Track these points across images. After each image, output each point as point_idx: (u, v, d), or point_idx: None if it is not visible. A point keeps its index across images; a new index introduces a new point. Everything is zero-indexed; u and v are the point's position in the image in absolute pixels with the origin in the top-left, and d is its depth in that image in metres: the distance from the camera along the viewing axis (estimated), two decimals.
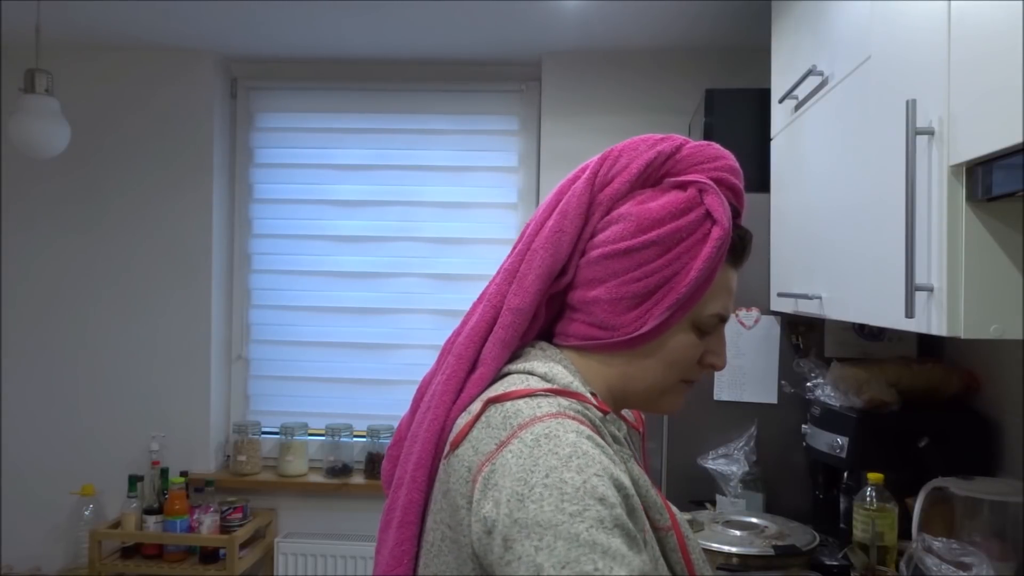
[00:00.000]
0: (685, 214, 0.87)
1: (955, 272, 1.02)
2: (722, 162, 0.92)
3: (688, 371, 0.93)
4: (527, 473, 0.74)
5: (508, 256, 0.94)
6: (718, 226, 0.87)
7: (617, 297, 0.87)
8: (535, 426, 0.78)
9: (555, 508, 0.71)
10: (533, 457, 0.75)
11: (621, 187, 0.90)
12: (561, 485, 0.73)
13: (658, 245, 0.87)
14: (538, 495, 0.72)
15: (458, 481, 0.79)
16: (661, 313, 0.87)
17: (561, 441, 0.76)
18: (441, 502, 0.82)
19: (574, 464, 0.74)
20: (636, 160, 0.90)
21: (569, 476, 0.73)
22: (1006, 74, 0.89)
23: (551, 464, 0.74)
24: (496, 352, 0.88)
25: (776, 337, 2.10)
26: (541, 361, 0.88)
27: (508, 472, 0.75)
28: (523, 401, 0.81)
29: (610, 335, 0.89)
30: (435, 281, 3.11)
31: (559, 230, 0.90)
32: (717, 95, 2.30)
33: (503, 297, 0.90)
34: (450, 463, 0.81)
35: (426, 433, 0.87)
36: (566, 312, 0.93)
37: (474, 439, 0.80)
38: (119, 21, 2.75)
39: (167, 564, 2.79)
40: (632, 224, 0.87)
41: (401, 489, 0.88)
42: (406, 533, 0.86)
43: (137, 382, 3.04)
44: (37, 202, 3.06)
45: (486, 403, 0.83)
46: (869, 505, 1.65)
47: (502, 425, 0.79)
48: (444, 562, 0.80)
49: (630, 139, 0.93)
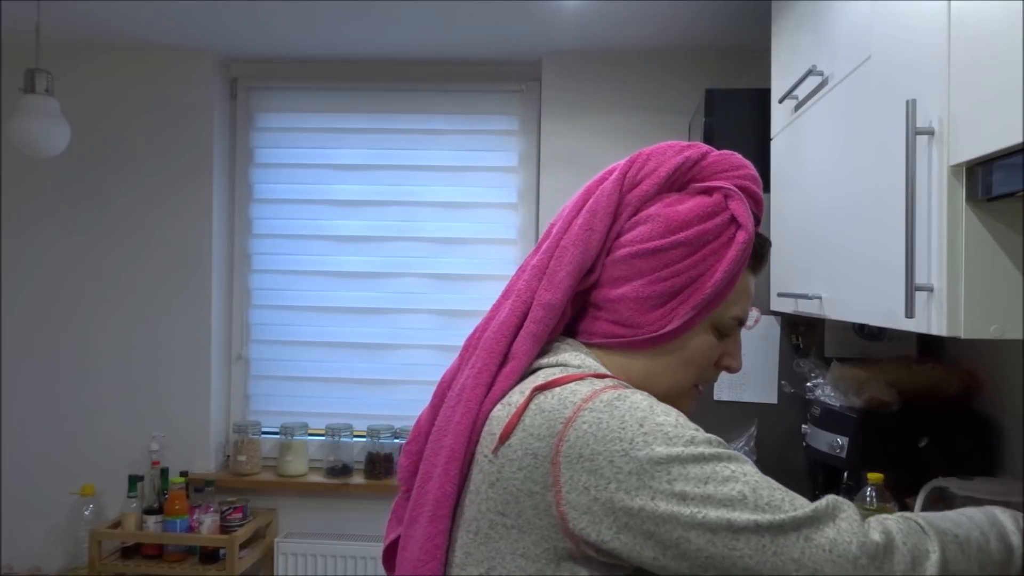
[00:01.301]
0: (712, 218, 0.90)
1: (955, 272, 1.02)
2: (745, 171, 0.96)
3: (705, 373, 0.96)
4: (619, 431, 0.78)
5: (534, 253, 0.96)
6: (743, 230, 0.90)
7: (643, 296, 0.90)
8: (601, 396, 0.81)
9: (666, 445, 0.77)
10: (616, 417, 0.79)
11: (649, 189, 0.92)
12: (660, 427, 0.78)
13: (685, 246, 0.89)
14: (642, 442, 0.77)
15: (519, 469, 0.80)
16: (685, 313, 0.90)
17: (635, 399, 0.81)
18: (487, 492, 0.83)
19: (659, 409, 0.80)
20: (665, 164, 0.93)
21: (661, 419, 0.79)
22: (1006, 74, 0.89)
23: (639, 416, 0.79)
24: (527, 346, 0.90)
25: (776, 337, 2.10)
26: (572, 355, 0.90)
27: (595, 439, 0.78)
28: (575, 383, 0.84)
29: (634, 333, 0.91)
30: (435, 281, 3.11)
31: (588, 228, 0.91)
32: (717, 95, 2.30)
33: (533, 293, 0.92)
34: (501, 454, 0.82)
35: (457, 426, 0.87)
36: (590, 310, 0.95)
37: (528, 426, 0.81)
38: (119, 21, 2.75)
39: (167, 564, 2.79)
40: (660, 225, 0.90)
41: (430, 482, 0.88)
42: (439, 527, 0.86)
43: (137, 382, 3.04)
44: (37, 202, 3.06)
45: (533, 391, 0.84)
46: (869, 505, 1.65)
47: (560, 406, 0.81)
48: (494, 548, 0.81)
49: (657, 144, 0.97)
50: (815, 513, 0.75)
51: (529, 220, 3.09)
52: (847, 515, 0.76)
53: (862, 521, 0.76)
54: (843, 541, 0.74)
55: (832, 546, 0.73)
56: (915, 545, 0.76)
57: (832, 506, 0.76)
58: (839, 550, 0.73)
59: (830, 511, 0.75)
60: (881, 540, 0.75)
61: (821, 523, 0.74)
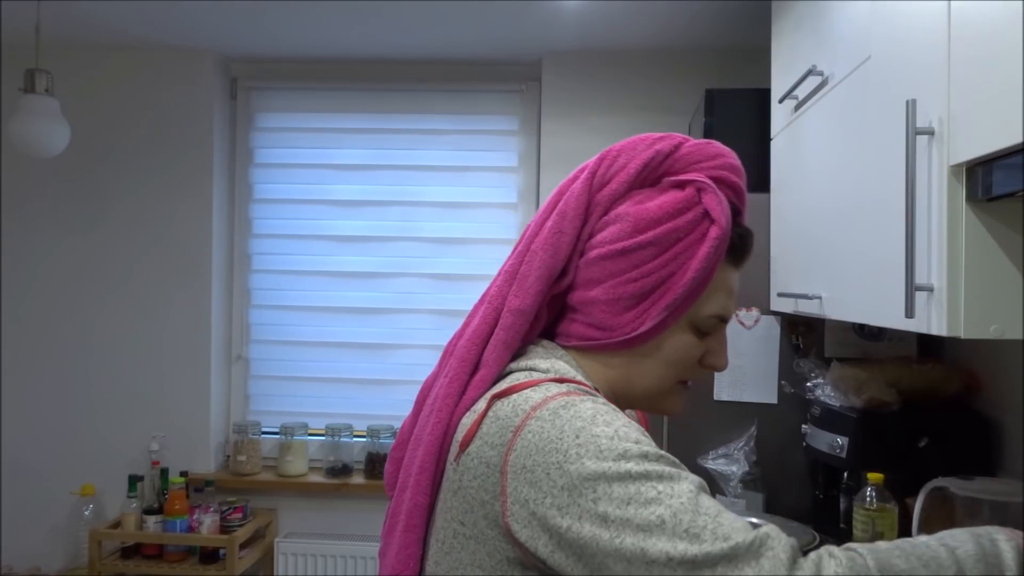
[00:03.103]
0: (682, 214, 0.87)
1: (955, 272, 1.02)
2: (722, 160, 0.92)
3: (688, 372, 0.93)
4: (556, 442, 0.75)
5: (508, 258, 0.94)
6: (716, 225, 0.87)
7: (614, 297, 0.88)
8: (549, 404, 0.79)
9: (596, 459, 0.73)
10: (557, 427, 0.76)
11: (619, 187, 0.90)
12: (594, 440, 0.74)
13: (655, 245, 0.87)
14: (575, 455, 0.73)
15: (475, 478, 0.79)
16: (658, 314, 0.87)
17: (580, 408, 0.78)
18: (451, 501, 0.82)
19: (600, 420, 0.76)
20: (634, 160, 0.90)
21: (599, 430, 0.75)
22: (1006, 74, 0.89)
23: (577, 426, 0.76)
24: (498, 353, 0.88)
25: (776, 337, 2.10)
26: (543, 358, 0.89)
27: (536, 449, 0.75)
28: (530, 390, 0.82)
29: (608, 335, 0.89)
30: (435, 281, 3.11)
31: (558, 231, 0.90)
32: (717, 95, 2.30)
33: (504, 298, 0.90)
34: (461, 463, 0.81)
35: (429, 436, 0.87)
36: (566, 313, 0.93)
37: (484, 435, 0.80)
38: (119, 21, 2.75)
39: (167, 564, 2.79)
40: (629, 224, 0.87)
41: (405, 492, 0.88)
42: (411, 536, 0.86)
43: (137, 382, 3.04)
44: (37, 202, 3.06)
45: (491, 399, 0.83)
46: (869, 505, 1.65)
47: (512, 414, 0.79)
48: (457, 559, 0.80)
49: (629, 139, 0.93)
50: (734, 550, 0.68)
51: (529, 220, 3.08)
52: (773, 553, 0.68)
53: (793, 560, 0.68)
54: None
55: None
56: None
57: (759, 543, 0.68)
58: None
59: (754, 548, 0.68)
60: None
61: (740, 561, 0.67)
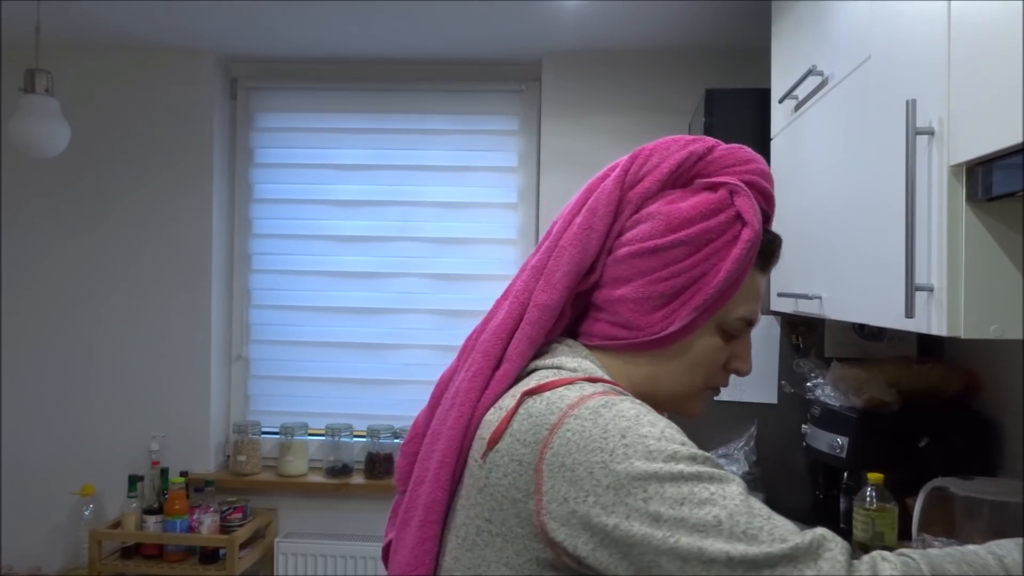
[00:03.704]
0: (715, 215, 0.87)
1: (955, 272, 1.02)
2: (754, 165, 0.92)
3: (713, 376, 0.93)
4: (601, 441, 0.74)
5: (534, 253, 0.93)
6: (748, 228, 0.87)
7: (643, 296, 0.87)
8: (588, 402, 0.78)
9: (646, 460, 0.72)
10: (600, 426, 0.75)
11: (651, 186, 0.89)
12: (642, 440, 0.74)
13: (687, 245, 0.86)
14: (622, 455, 0.73)
15: (505, 475, 0.78)
16: (688, 314, 0.86)
17: (622, 407, 0.77)
18: (476, 498, 0.81)
19: (645, 420, 0.76)
20: (667, 160, 0.90)
21: (645, 431, 0.75)
22: (1006, 74, 0.89)
23: (622, 426, 0.75)
24: (522, 348, 0.87)
25: (776, 337, 2.10)
26: (569, 356, 0.88)
27: (576, 447, 0.74)
28: (564, 388, 0.81)
29: (635, 335, 0.88)
30: (435, 281, 3.11)
31: (588, 227, 0.89)
32: (717, 95, 2.30)
33: (530, 293, 0.89)
34: (489, 459, 0.80)
35: (450, 431, 0.85)
36: (591, 311, 0.92)
37: (515, 432, 0.79)
38: (119, 21, 2.75)
39: (167, 564, 2.78)
40: (661, 223, 0.87)
41: (422, 486, 0.86)
42: (428, 532, 0.85)
43: (137, 382, 3.04)
44: (37, 202, 3.06)
45: (522, 396, 0.81)
46: (869, 505, 1.65)
47: (547, 411, 0.78)
48: (480, 555, 0.79)
49: (661, 139, 0.93)
50: (794, 551, 0.68)
51: (529, 220, 3.09)
52: (832, 555, 0.68)
53: (849, 561, 0.69)
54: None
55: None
56: None
57: (816, 543, 0.69)
58: None
59: (813, 549, 0.68)
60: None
61: (799, 562, 0.68)
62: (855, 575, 0.68)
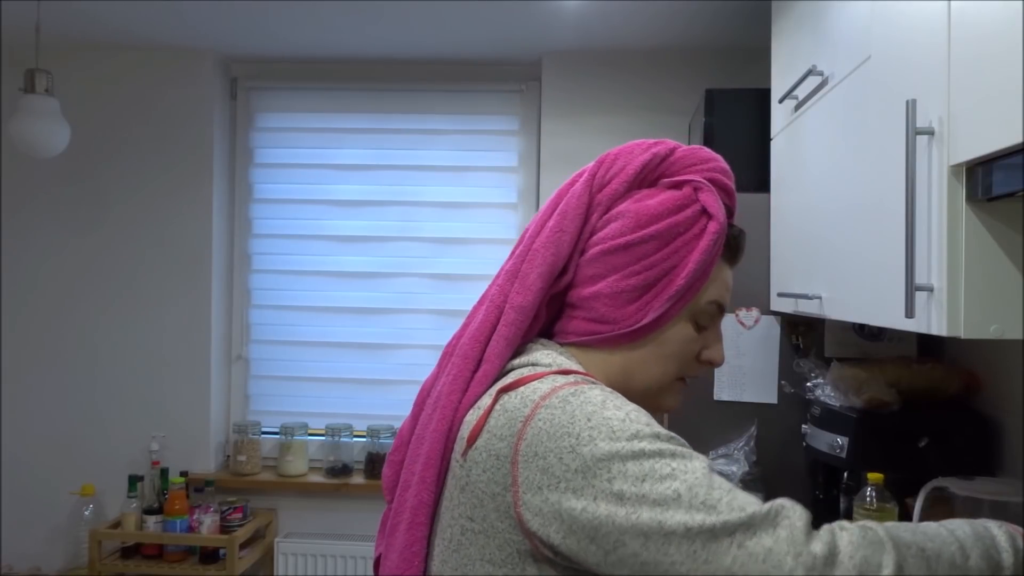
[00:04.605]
0: (682, 210, 0.91)
1: (955, 272, 1.02)
2: (714, 163, 0.96)
3: (687, 366, 0.96)
4: (568, 426, 0.77)
5: (508, 259, 0.96)
6: (714, 220, 0.91)
7: (618, 291, 0.90)
8: (558, 392, 0.80)
9: (609, 440, 0.75)
10: (567, 412, 0.78)
11: (619, 187, 0.93)
12: (606, 422, 0.76)
13: (657, 239, 0.90)
14: (587, 437, 0.75)
15: (484, 471, 0.80)
16: (661, 305, 0.90)
17: (590, 395, 0.80)
18: (459, 498, 0.83)
19: (610, 404, 0.79)
20: (633, 162, 0.94)
21: (609, 413, 0.77)
22: (1006, 74, 0.89)
23: (588, 411, 0.78)
24: (500, 349, 0.90)
25: (776, 337, 2.10)
26: (543, 354, 0.90)
27: (547, 435, 0.77)
28: (537, 381, 0.84)
29: (611, 328, 0.91)
30: (435, 281, 3.11)
31: (560, 230, 0.92)
32: (717, 95, 2.30)
33: (506, 297, 0.92)
34: (469, 458, 0.82)
35: (433, 433, 0.87)
36: (565, 311, 0.95)
37: (492, 428, 0.81)
38: (119, 21, 2.75)
39: (167, 564, 2.79)
40: (631, 220, 0.91)
41: (409, 490, 0.88)
42: (416, 534, 0.86)
43: (137, 382, 3.04)
44: (37, 202, 3.06)
45: (497, 393, 0.84)
46: (869, 505, 1.65)
47: (521, 405, 0.81)
48: (465, 555, 0.81)
49: (625, 144, 0.97)
50: (751, 519, 0.70)
51: (529, 220, 3.08)
52: (790, 522, 0.70)
53: (808, 529, 0.71)
54: (779, 551, 0.69)
55: (766, 556, 0.69)
56: (864, 559, 0.70)
57: (774, 512, 0.71)
58: (773, 560, 0.68)
59: (770, 517, 0.70)
60: (822, 552, 0.69)
61: (757, 529, 0.69)
62: (813, 543, 0.70)
